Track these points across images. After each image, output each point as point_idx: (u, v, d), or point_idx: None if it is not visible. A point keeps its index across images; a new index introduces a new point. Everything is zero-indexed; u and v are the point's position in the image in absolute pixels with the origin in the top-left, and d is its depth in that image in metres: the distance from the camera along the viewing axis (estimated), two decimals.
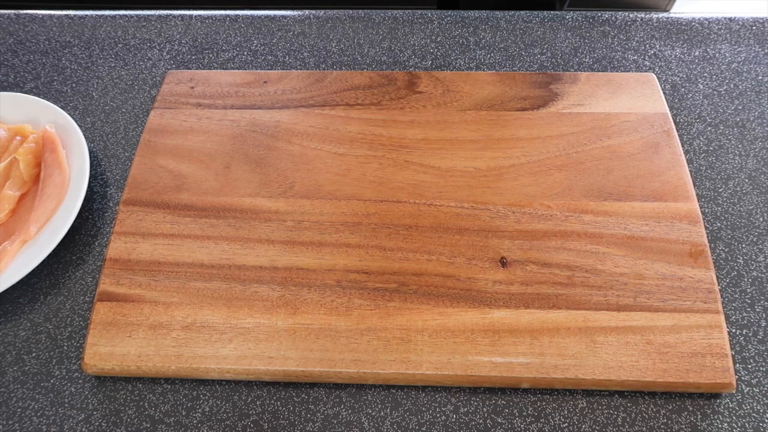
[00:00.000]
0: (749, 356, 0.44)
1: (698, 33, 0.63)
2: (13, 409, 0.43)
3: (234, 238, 0.48)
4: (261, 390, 0.43)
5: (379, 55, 0.62)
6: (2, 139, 0.53)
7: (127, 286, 0.46)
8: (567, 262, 0.46)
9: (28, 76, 0.62)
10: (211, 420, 0.42)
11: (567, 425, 0.41)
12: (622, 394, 0.42)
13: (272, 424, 0.42)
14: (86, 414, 0.43)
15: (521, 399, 0.42)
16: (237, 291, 0.46)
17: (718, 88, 0.59)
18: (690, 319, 0.43)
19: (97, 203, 0.53)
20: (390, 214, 0.49)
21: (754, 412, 0.42)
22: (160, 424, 0.42)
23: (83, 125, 0.57)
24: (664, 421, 0.41)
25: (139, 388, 0.44)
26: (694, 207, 0.48)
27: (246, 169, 0.52)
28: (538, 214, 0.49)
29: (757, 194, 0.51)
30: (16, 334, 0.46)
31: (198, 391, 0.43)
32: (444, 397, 0.43)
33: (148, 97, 0.60)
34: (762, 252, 0.48)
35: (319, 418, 0.42)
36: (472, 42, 0.63)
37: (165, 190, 0.51)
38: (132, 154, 0.54)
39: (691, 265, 0.46)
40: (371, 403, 0.43)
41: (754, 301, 0.46)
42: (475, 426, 0.42)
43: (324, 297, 0.45)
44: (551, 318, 0.44)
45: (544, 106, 0.55)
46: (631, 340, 0.43)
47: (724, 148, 0.54)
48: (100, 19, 0.66)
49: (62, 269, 0.49)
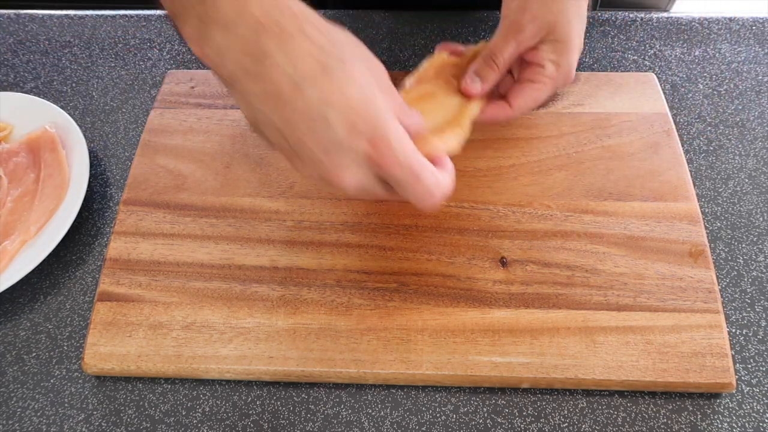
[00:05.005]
0: (749, 356, 0.44)
1: (698, 33, 0.63)
2: (13, 409, 0.43)
3: (234, 238, 0.48)
4: (261, 390, 0.43)
5: (379, 55, 0.61)
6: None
7: (127, 286, 0.46)
8: (567, 262, 0.46)
9: (28, 76, 0.62)
10: (211, 420, 0.42)
11: (567, 425, 0.41)
12: (622, 394, 0.42)
13: (272, 424, 0.42)
14: (86, 414, 0.43)
15: (521, 399, 0.42)
16: (237, 291, 0.46)
17: (718, 88, 0.59)
18: (690, 319, 0.43)
19: (97, 203, 0.53)
20: (390, 214, 0.49)
21: (754, 412, 0.42)
22: (160, 424, 0.42)
23: (83, 125, 0.57)
24: (664, 421, 0.41)
25: (139, 388, 0.44)
26: (694, 207, 0.48)
27: (246, 169, 0.52)
28: (538, 214, 0.49)
29: (757, 194, 0.51)
30: (16, 334, 0.46)
31: (198, 391, 0.43)
32: (444, 397, 0.43)
33: (148, 97, 0.60)
34: (762, 252, 0.48)
35: (319, 418, 0.42)
36: (472, 42, 0.63)
37: (165, 190, 0.51)
38: (132, 154, 0.54)
39: (691, 265, 0.46)
40: (371, 403, 0.43)
41: (754, 301, 0.46)
42: (475, 426, 0.42)
43: (324, 297, 0.45)
44: (551, 318, 0.44)
45: (543, 106, 0.55)
46: (631, 340, 0.43)
47: (724, 147, 0.54)
48: (100, 19, 0.66)
49: (62, 269, 0.49)
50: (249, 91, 0.32)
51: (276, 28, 0.31)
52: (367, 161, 0.33)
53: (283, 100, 0.32)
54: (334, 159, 0.33)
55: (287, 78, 0.31)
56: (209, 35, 0.31)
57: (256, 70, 0.31)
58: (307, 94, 0.31)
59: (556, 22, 0.45)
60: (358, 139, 0.32)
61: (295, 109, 0.32)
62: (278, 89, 0.31)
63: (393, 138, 0.33)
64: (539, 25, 0.45)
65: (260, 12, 0.31)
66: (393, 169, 0.33)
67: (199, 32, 0.32)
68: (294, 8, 0.32)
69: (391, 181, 0.34)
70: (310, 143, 0.33)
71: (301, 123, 0.32)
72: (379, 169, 0.34)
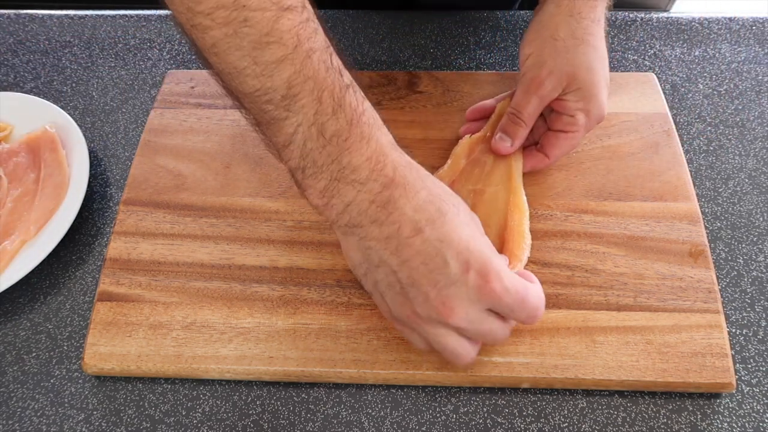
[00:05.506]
0: (749, 356, 0.44)
1: (698, 33, 0.63)
2: (13, 409, 0.43)
3: (234, 238, 0.48)
4: (261, 390, 0.43)
5: (379, 55, 0.62)
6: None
7: (127, 286, 0.46)
8: (567, 262, 0.46)
9: (28, 76, 0.62)
10: (211, 420, 0.42)
11: (567, 425, 0.41)
12: (622, 394, 0.42)
13: (272, 424, 0.42)
14: (86, 414, 0.43)
15: (521, 399, 0.42)
16: (237, 291, 0.46)
17: (718, 88, 0.59)
18: (690, 319, 0.43)
19: (97, 203, 0.53)
20: None
21: (754, 412, 0.42)
22: (160, 424, 0.42)
23: (83, 125, 0.57)
24: (664, 421, 0.41)
25: (139, 388, 0.44)
26: (694, 207, 0.48)
27: (246, 169, 0.52)
28: (538, 214, 0.49)
29: (757, 194, 0.51)
30: (16, 334, 0.46)
31: (198, 391, 0.43)
32: (444, 397, 0.43)
33: (148, 97, 0.60)
34: (762, 252, 0.48)
35: (319, 418, 0.42)
36: (472, 42, 0.63)
37: (165, 190, 0.51)
38: (132, 154, 0.54)
39: (691, 265, 0.46)
40: (371, 403, 0.43)
41: (754, 301, 0.46)
42: (475, 426, 0.42)
43: (324, 297, 0.45)
44: (551, 318, 0.44)
45: None
46: (631, 340, 0.43)
47: (724, 147, 0.54)
48: (100, 19, 0.66)
49: (62, 269, 0.49)
50: (371, 236, 0.36)
51: (403, 183, 0.36)
52: (478, 293, 0.36)
53: (403, 242, 0.35)
54: (444, 293, 0.36)
55: (410, 222, 0.35)
56: (341, 191, 0.35)
57: (382, 217, 0.35)
58: (426, 235, 0.35)
59: (575, 73, 0.45)
60: (470, 274, 0.35)
61: (414, 248, 0.35)
62: (400, 232, 0.35)
63: (500, 270, 0.36)
64: (558, 78, 0.45)
65: (393, 173, 0.36)
66: (504, 296, 0.36)
67: (329, 187, 0.36)
68: (417, 167, 0.37)
69: (502, 307, 0.37)
70: (425, 280, 0.36)
71: (418, 261, 0.35)
72: (491, 299, 0.36)
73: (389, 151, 0.36)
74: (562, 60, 0.45)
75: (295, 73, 0.33)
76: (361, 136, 0.35)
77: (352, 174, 0.35)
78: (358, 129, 0.35)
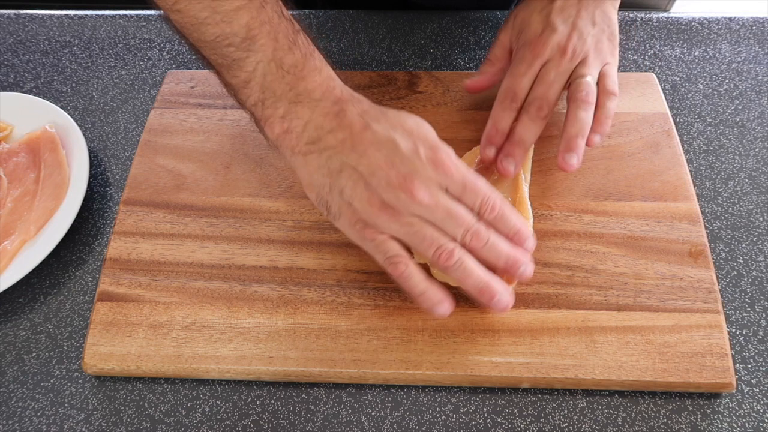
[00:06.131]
0: (749, 356, 0.44)
1: (698, 33, 0.63)
2: (13, 409, 0.43)
3: (234, 238, 0.48)
4: (261, 390, 0.43)
5: (379, 55, 0.62)
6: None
7: (127, 286, 0.46)
8: (567, 262, 0.46)
9: (28, 76, 0.62)
10: (211, 420, 0.42)
11: (567, 425, 0.41)
12: (622, 394, 0.42)
13: (272, 424, 0.42)
14: (86, 414, 0.43)
15: (521, 399, 0.42)
16: (237, 291, 0.46)
17: (718, 88, 0.59)
18: (690, 318, 0.43)
19: (97, 203, 0.53)
20: None
21: (754, 412, 0.42)
22: (160, 424, 0.42)
23: (83, 125, 0.57)
24: (664, 421, 0.41)
25: (139, 388, 0.44)
26: (694, 207, 0.48)
27: (246, 169, 0.52)
28: (538, 214, 0.49)
29: (757, 194, 0.51)
30: (16, 334, 0.46)
31: (198, 391, 0.43)
32: (444, 397, 0.43)
33: (148, 97, 0.60)
34: (762, 252, 0.48)
35: (319, 418, 0.42)
36: (472, 42, 0.63)
37: (165, 190, 0.51)
38: (132, 154, 0.54)
39: (691, 265, 0.46)
40: (371, 403, 0.43)
41: (754, 301, 0.46)
42: (475, 426, 0.42)
43: (324, 297, 0.45)
44: (551, 318, 0.44)
45: None
46: (631, 340, 0.43)
47: (724, 147, 0.54)
48: (100, 19, 0.66)
49: (62, 269, 0.49)
50: (329, 144, 0.40)
51: (349, 98, 0.42)
52: (432, 165, 0.39)
53: (357, 139, 0.40)
54: (402, 171, 0.39)
55: (359, 122, 0.40)
56: (298, 112, 0.41)
57: (336, 125, 0.40)
58: (375, 128, 0.40)
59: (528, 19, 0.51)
60: (420, 150, 0.39)
61: (368, 140, 0.40)
62: (353, 131, 0.40)
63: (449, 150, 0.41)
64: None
65: (341, 93, 0.42)
66: (453, 170, 0.40)
67: (288, 111, 0.41)
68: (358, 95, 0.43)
69: (454, 184, 0.40)
70: (383, 163, 0.39)
71: (373, 149, 0.39)
72: (443, 171, 0.39)
73: (336, 79, 0.42)
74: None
75: (252, 19, 0.39)
76: (314, 67, 0.41)
77: (308, 96, 0.41)
78: (312, 62, 0.41)
